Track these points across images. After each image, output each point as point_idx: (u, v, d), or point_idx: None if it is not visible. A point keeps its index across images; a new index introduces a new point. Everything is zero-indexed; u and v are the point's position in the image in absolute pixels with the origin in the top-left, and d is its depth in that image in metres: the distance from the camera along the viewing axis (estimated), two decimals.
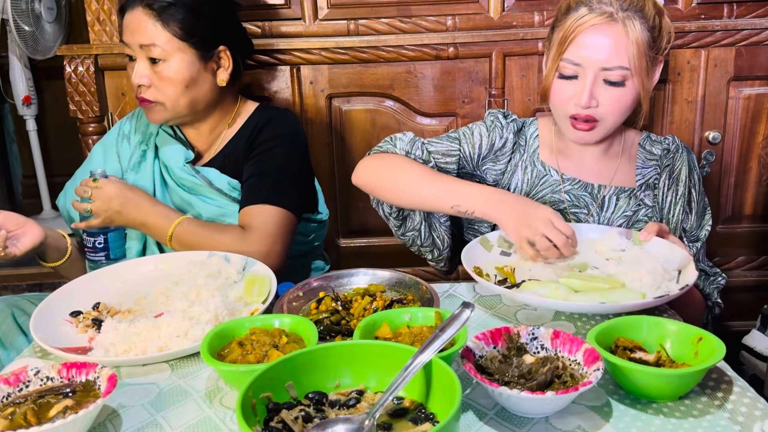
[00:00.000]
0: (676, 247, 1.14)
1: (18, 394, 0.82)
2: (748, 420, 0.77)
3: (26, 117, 3.06)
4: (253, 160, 1.41)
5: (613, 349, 0.86)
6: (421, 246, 1.38)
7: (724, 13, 1.78)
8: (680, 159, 1.32)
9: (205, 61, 1.39)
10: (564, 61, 1.23)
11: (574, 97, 1.23)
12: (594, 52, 1.20)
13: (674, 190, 1.31)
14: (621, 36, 1.19)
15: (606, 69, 1.20)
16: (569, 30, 1.22)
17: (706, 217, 1.34)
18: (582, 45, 1.21)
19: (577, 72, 1.23)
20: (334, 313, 1.02)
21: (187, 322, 0.99)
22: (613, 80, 1.21)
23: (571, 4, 1.25)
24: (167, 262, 1.23)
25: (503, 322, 1.05)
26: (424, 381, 0.75)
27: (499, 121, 1.37)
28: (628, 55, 1.19)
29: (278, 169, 1.39)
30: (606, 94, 1.22)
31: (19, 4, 2.58)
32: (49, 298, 1.10)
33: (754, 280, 1.96)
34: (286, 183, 1.38)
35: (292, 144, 1.43)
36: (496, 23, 1.81)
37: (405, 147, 1.34)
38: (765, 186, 1.90)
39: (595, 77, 1.21)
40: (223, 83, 1.42)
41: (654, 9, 1.23)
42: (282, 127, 1.44)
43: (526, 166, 1.36)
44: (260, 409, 0.72)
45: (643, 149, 1.36)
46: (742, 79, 1.81)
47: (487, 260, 1.19)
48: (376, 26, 1.82)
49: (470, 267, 1.12)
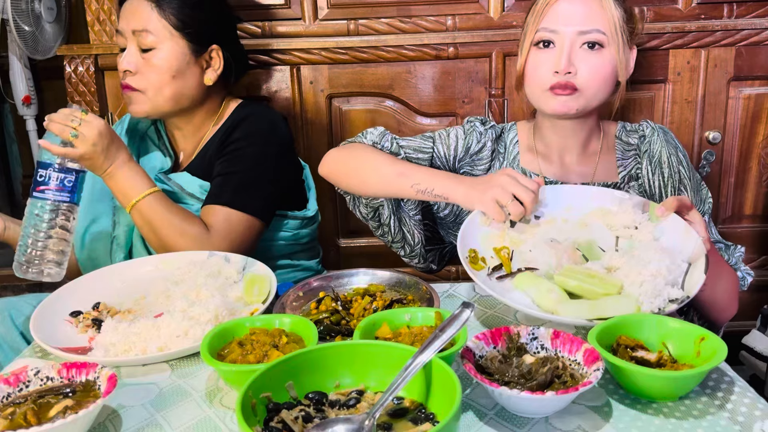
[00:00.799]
0: (692, 232, 1.04)
1: (18, 394, 0.82)
2: (748, 420, 0.77)
3: (26, 117, 3.06)
4: (222, 158, 1.39)
5: (615, 348, 0.86)
6: (393, 242, 1.37)
7: (724, 13, 1.78)
8: (657, 141, 1.30)
9: (196, 55, 1.39)
10: (540, 31, 1.24)
11: (552, 66, 1.23)
12: (569, 17, 1.22)
13: (659, 174, 1.29)
14: (595, 4, 1.22)
15: (583, 33, 1.21)
16: (544, 2, 1.24)
17: (704, 191, 1.32)
18: (557, 12, 1.23)
19: (553, 38, 1.23)
20: (334, 313, 1.02)
21: (187, 322, 0.99)
22: (591, 40, 1.21)
23: None
24: (167, 262, 1.23)
25: (503, 322, 1.05)
26: (424, 381, 0.75)
27: (477, 127, 1.36)
28: (604, 20, 1.21)
29: (245, 170, 1.36)
30: (584, 59, 1.22)
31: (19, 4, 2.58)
32: (49, 298, 1.10)
33: (755, 280, 1.95)
34: (251, 186, 1.36)
35: (265, 143, 1.40)
36: (496, 23, 1.81)
37: (374, 139, 1.33)
38: (765, 186, 1.90)
39: (572, 42, 1.22)
40: (209, 82, 1.42)
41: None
42: (255, 125, 1.42)
43: (507, 166, 1.35)
44: (260, 409, 0.72)
45: (620, 140, 1.35)
46: (742, 79, 1.81)
47: (486, 234, 1.11)
48: (376, 26, 1.82)
49: (465, 251, 1.06)
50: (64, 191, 1.22)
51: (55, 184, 1.21)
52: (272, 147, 1.41)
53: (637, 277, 0.98)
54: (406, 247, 1.38)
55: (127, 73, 1.37)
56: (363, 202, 1.34)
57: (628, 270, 1.00)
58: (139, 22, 1.35)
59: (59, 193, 1.21)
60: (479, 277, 1.02)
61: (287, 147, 1.46)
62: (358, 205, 1.35)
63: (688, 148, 1.85)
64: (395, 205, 1.33)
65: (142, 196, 1.27)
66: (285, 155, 1.44)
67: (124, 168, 1.27)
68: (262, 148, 1.39)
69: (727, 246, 1.31)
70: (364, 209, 1.35)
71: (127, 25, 1.36)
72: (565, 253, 1.06)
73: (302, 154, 1.88)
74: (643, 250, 1.03)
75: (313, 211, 1.53)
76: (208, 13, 1.41)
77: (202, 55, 1.40)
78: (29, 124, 3.09)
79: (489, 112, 1.83)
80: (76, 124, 1.21)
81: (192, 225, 1.28)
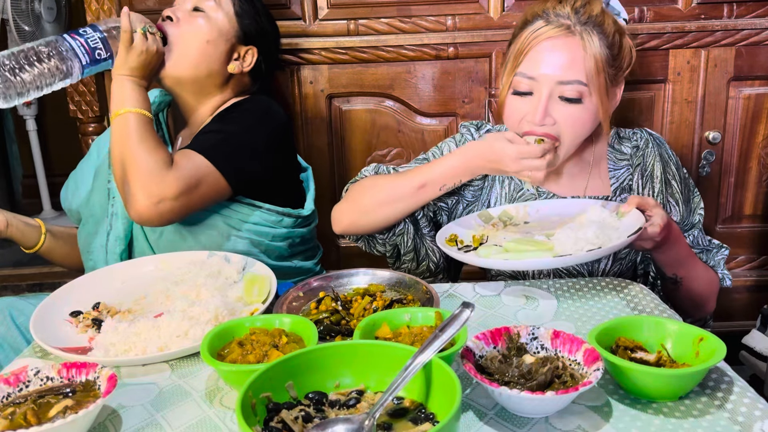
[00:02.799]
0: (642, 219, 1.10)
1: (18, 394, 0.82)
2: (748, 420, 0.77)
3: (26, 117, 3.06)
4: (213, 122, 1.40)
5: (614, 349, 0.86)
6: (418, 267, 1.35)
7: (724, 13, 1.78)
8: (651, 154, 1.29)
9: (236, 41, 1.43)
10: (518, 76, 1.19)
11: (528, 115, 1.19)
12: (549, 65, 1.16)
13: (650, 188, 1.28)
14: (578, 49, 1.16)
15: (562, 83, 1.16)
16: (524, 43, 1.18)
17: (695, 200, 1.32)
18: (537, 58, 1.17)
19: (531, 87, 1.18)
20: (334, 313, 1.02)
21: (187, 322, 0.99)
22: (570, 96, 1.16)
23: (528, 17, 1.22)
24: (167, 262, 1.23)
25: (503, 322, 1.05)
26: (424, 381, 0.75)
27: (470, 135, 1.35)
28: (585, 69, 1.16)
29: (232, 132, 1.35)
30: (562, 111, 1.18)
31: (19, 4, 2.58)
32: (49, 298, 1.10)
33: (754, 280, 1.96)
34: (232, 147, 1.34)
35: (258, 121, 1.40)
36: (496, 23, 1.81)
37: (370, 172, 1.34)
38: (765, 186, 1.90)
39: (550, 93, 1.17)
40: (232, 69, 1.44)
41: (614, 26, 1.20)
42: (255, 105, 1.43)
43: (503, 180, 1.35)
44: (260, 409, 0.72)
45: (612, 149, 1.32)
46: (742, 79, 1.81)
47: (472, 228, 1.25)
48: (376, 26, 1.82)
49: (447, 233, 1.20)
50: (87, 55, 1.26)
51: (88, 44, 1.26)
52: (264, 126, 1.40)
53: (567, 240, 1.08)
54: (431, 266, 1.35)
55: (167, 20, 1.39)
56: (379, 242, 1.32)
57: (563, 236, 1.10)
58: None
59: (82, 51, 1.25)
60: (450, 249, 1.15)
61: (279, 133, 1.44)
62: (375, 246, 1.34)
63: (688, 148, 1.85)
64: (415, 227, 1.32)
65: (133, 110, 1.28)
66: (275, 139, 1.42)
67: (137, 84, 1.32)
68: (254, 122, 1.39)
69: (709, 250, 1.31)
70: (381, 248, 1.33)
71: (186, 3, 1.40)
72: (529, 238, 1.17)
73: (302, 154, 1.88)
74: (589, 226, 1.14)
75: (309, 211, 1.51)
76: (266, 20, 1.49)
77: (240, 47, 1.44)
78: (29, 124, 3.09)
79: (489, 111, 1.83)
80: (152, 30, 1.32)
81: (157, 152, 1.26)
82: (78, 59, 1.25)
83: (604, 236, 1.08)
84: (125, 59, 1.29)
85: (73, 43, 1.25)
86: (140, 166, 1.23)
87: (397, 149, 1.89)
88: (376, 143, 1.89)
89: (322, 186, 1.65)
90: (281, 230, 1.45)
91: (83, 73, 1.27)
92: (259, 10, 1.48)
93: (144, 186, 1.22)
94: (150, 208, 1.21)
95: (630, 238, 1.06)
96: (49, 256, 1.50)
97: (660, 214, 1.12)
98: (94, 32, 1.28)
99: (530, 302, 1.10)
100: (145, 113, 1.30)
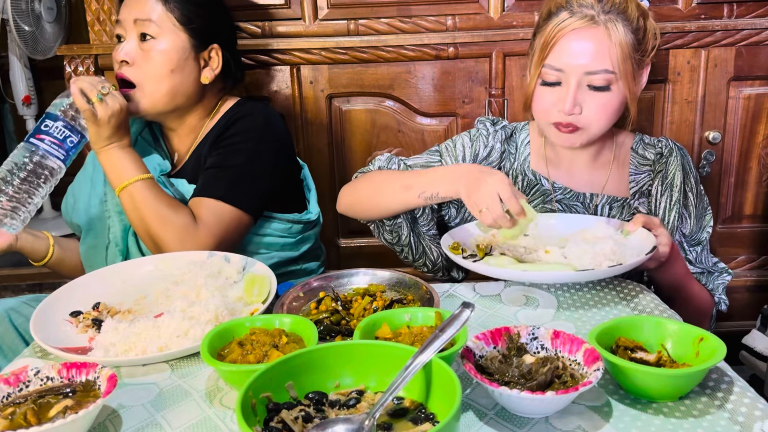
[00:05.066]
0: (652, 238, 1.11)
1: (18, 394, 0.82)
2: (748, 420, 0.77)
3: (26, 117, 3.06)
4: (216, 152, 1.38)
5: (614, 349, 0.86)
6: (415, 260, 1.37)
7: (724, 13, 1.78)
8: (674, 163, 1.29)
9: (196, 51, 1.38)
10: (546, 67, 1.21)
11: (557, 104, 1.21)
12: (576, 56, 1.18)
13: (668, 196, 1.28)
14: (604, 39, 1.17)
15: (590, 73, 1.18)
16: (550, 35, 1.20)
17: (707, 218, 1.32)
18: (563, 50, 1.19)
19: (560, 78, 1.20)
20: (334, 313, 1.02)
21: (187, 322, 0.99)
22: (598, 85, 1.18)
23: (552, 9, 1.23)
24: (167, 262, 1.22)
25: (503, 322, 1.05)
26: (424, 381, 0.75)
27: (486, 129, 1.35)
28: (612, 58, 1.17)
29: (240, 164, 1.35)
30: (590, 99, 1.20)
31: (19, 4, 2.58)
32: (49, 298, 1.10)
33: (754, 280, 1.96)
34: (245, 182, 1.34)
35: (261, 140, 1.38)
36: (496, 23, 1.81)
37: (381, 164, 1.35)
38: (765, 186, 1.90)
39: (578, 83, 1.19)
40: (206, 80, 1.41)
41: (638, 11, 1.20)
42: (251, 121, 1.40)
43: (516, 175, 1.35)
44: (260, 409, 0.72)
45: (635, 153, 1.33)
46: (742, 79, 1.81)
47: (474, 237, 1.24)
48: (376, 26, 1.82)
49: (450, 241, 1.20)
50: (62, 149, 1.23)
51: (57, 137, 1.23)
52: (268, 143, 1.40)
53: (584, 255, 1.09)
54: (428, 263, 1.37)
55: (123, 64, 1.35)
56: (387, 229, 1.34)
57: (578, 249, 1.10)
58: (143, 11, 1.33)
59: (57, 148, 1.22)
60: (455, 257, 1.15)
61: (283, 144, 1.44)
62: (383, 233, 1.35)
63: (688, 148, 1.85)
64: (412, 223, 1.33)
65: (135, 179, 1.27)
66: (280, 152, 1.43)
67: (124, 150, 1.29)
68: (258, 144, 1.38)
69: (711, 272, 1.31)
70: (388, 236, 1.35)
71: (129, 14, 1.35)
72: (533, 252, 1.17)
73: (302, 154, 1.88)
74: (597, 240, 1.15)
75: (316, 215, 1.52)
76: (212, 12, 1.42)
77: (202, 53, 1.40)
78: (29, 124, 3.08)
79: (489, 112, 1.83)
80: (106, 91, 1.26)
81: (179, 215, 1.27)
82: (55, 157, 1.23)
83: (620, 252, 1.10)
84: (98, 134, 1.26)
85: (42, 145, 1.22)
86: (168, 231, 1.25)
87: (397, 149, 1.89)
88: (376, 143, 1.89)
89: (322, 186, 1.65)
90: (291, 239, 1.46)
91: (66, 163, 1.26)
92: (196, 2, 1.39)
93: (181, 245, 1.24)
94: None
95: (648, 255, 1.07)
96: (57, 268, 1.47)
97: (666, 234, 1.13)
98: (55, 122, 1.24)
99: (530, 302, 1.10)
100: (143, 177, 1.28)
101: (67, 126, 1.25)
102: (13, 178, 1.20)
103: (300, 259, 1.51)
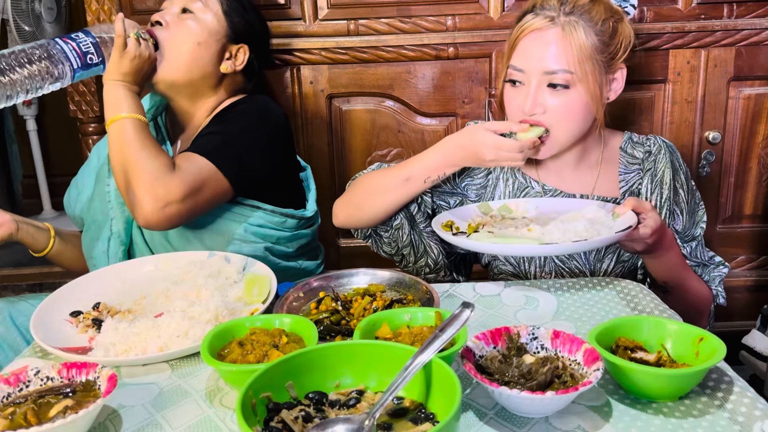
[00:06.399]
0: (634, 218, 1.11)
1: (18, 394, 0.82)
2: (748, 420, 0.77)
3: (26, 117, 3.06)
4: (213, 124, 1.39)
5: (614, 349, 0.86)
6: (416, 263, 1.36)
7: (724, 13, 1.78)
8: (662, 161, 1.29)
9: (227, 41, 1.42)
10: (510, 68, 1.24)
11: (522, 104, 1.23)
12: (534, 56, 1.20)
13: (658, 194, 1.29)
14: (561, 40, 1.19)
15: (549, 73, 1.20)
16: (513, 36, 1.23)
17: (699, 213, 1.32)
18: (524, 50, 1.22)
19: (522, 78, 1.23)
20: (334, 313, 1.02)
21: (187, 322, 0.99)
22: (557, 83, 1.20)
23: (522, 12, 1.26)
24: (167, 262, 1.23)
25: (503, 322, 1.05)
26: (424, 381, 0.75)
27: None
28: (570, 58, 1.18)
29: (233, 134, 1.35)
30: (552, 99, 1.21)
31: (19, 4, 2.58)
32: (49, 298, 1.10)
33: (754, 280, 1.96)
34: (233, 149, 1.33)
35: (257, 120, 1.39)
36: (496, 23, 1.81)
37: (373, 170, 1.36)
38: (765, 186, 1.90)
39: (539, 82, 1.21)
40: (225, 70, 1.43)
41: (606, 13, 1.21)
42: (253, 105, 1.43)
43: (507, 178, 1.36)
44: (260, 409, 0.72)
45: (624, 153, 1.33)
46: (742, 79, 1.81)
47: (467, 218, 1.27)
48: (376, 26, 1.82)
49: (444, 219, 1.23)
50: (78, 59, 1.26)
51: (80, 47, 1.26)
52: (265, 126, 1.40)
53: (555, 230, 1.12)
54: (430, 262, 1.36)
55: (156, 25, 1.38)
56: (385, 241, 1.34)
57: (552, 227, 1.13)
58: None
59: (74, 55, 1.25)
60: (444, 233, 1.17)
61: (280, 131, 1.44)
62: (381, 246, 1.36)
63: (688, 148, 1.85)
64: (411, 222, 1.33)
65: (129, 116, 1.28)
66: (276, 138, 1.42)
67: (130, 91, 1.31)
68: (254, 122, 1.39)
69: (706, 265, 1.31)
70: (387, 248, 1.36)
71: None
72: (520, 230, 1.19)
73: (302, 154, 1.88)
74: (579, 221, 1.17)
75: (312, 212, 1.51)
76: (254, 17, 1.48)
77: (231, 46, 1.44)
78: (29, 124, 3.09)
79: (489, 112, 1.83)
80: (145, 37, 1.32)
81: (159, 158, 1.25)
82: (69, 62, 1.24)
83: (593, 230, 1.10)
84: (118, 64, 1.29)
85: (65, 46, 1.24)
86: (144, 171, 1.22)
87: (397, 149, 1.89)
88: (376, 143, 1.89)
89: (322, 186, 1.65)
90: (286, 233, 1.45)
91: (74, 77, 1.26)
92: (247, 7, 1.47)
93: (149, 190, 1.21)
94: (157, 212, 1.21)
95: (618, 234, 1.07)
96: (57, 259, 1.49)
97: (654, 218, 1.13)
98: (86, 37, 1.28)
99: (530, 302, 1.10)
100: (141, 118, 1.29)
101: (95, 44, 1.28)
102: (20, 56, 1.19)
103: (296, 256, 1.51)
